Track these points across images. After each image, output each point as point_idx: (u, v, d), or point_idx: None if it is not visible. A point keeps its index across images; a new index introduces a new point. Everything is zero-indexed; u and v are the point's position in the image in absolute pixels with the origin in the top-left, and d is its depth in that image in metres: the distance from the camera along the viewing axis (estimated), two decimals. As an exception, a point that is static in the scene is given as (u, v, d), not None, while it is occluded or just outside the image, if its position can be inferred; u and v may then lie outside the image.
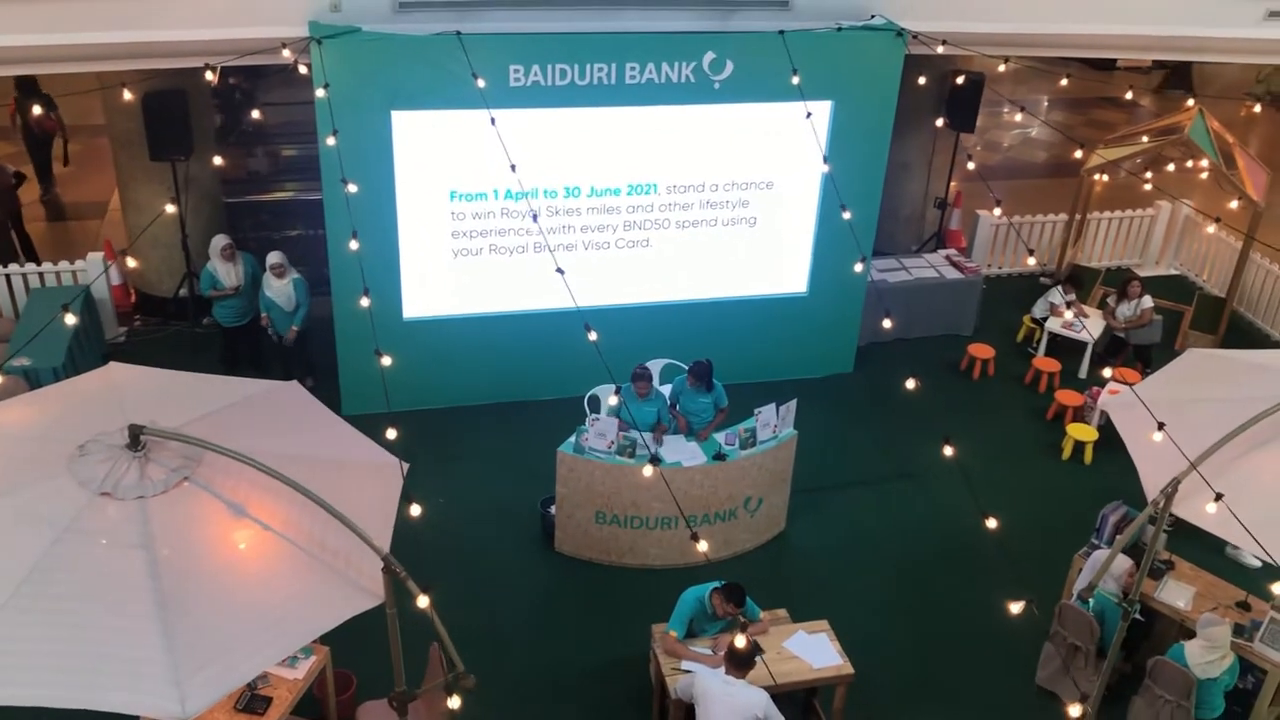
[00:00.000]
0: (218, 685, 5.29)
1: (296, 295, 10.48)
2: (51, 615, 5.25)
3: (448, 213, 10.11)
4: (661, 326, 10.64)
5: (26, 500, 5.60)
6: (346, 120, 9.04)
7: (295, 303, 10.45)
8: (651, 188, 10.43)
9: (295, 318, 10.45)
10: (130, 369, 7.00)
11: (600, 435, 8.66)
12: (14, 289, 11.29)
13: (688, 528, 6.52)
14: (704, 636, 7.45)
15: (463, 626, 6.35)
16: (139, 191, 11.41)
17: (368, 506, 6.07)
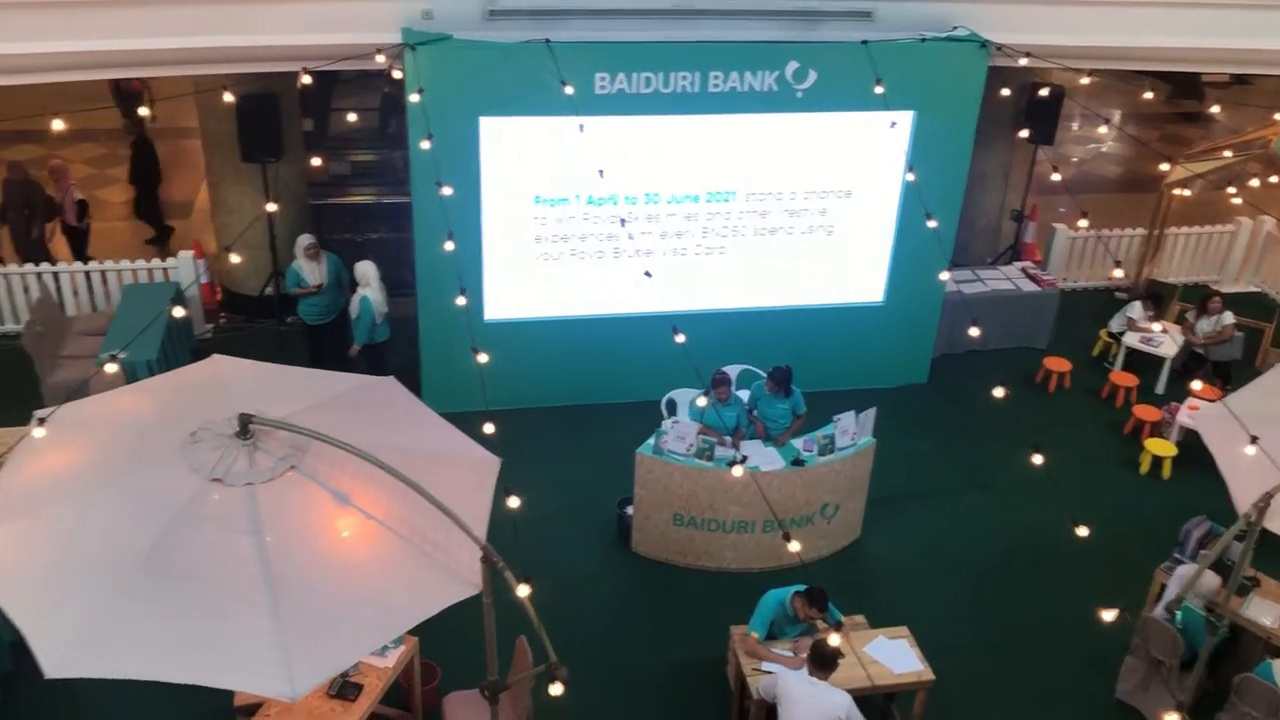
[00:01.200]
0: (324, 668, 5.47)
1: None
2: (167, 595, 5.44)
3: (531, 217, 10.29)
4: (737, 333, 10.71)
5: (143, 484, 5.81)
6: (436, 125, 9.25)
7: (358, 312, 10.55)
8: (730, 195, 10.53)
9: (359, 333, 10.57)
10: (234, 361, 7.23)
11: (679, 438, 8.76)
12: (109, 285, 11.65)
13: (780, 528, 6.57)
14: (784, 639, 7.51)
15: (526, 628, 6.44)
16: (229, 192, 11.74)
17: (463, 500, 6.18)
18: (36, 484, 5.96)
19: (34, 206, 12.43)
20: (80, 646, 5.21)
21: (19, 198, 12.37)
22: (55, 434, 6.13)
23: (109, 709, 7.57)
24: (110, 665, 5.24)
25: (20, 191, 12.37)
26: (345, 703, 6.78)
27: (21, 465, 6.10)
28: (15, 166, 12.51)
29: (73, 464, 6.04)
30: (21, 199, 12.37)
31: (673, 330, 7.31)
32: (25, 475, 6.04)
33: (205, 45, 9.66)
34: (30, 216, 12.40)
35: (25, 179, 12.44)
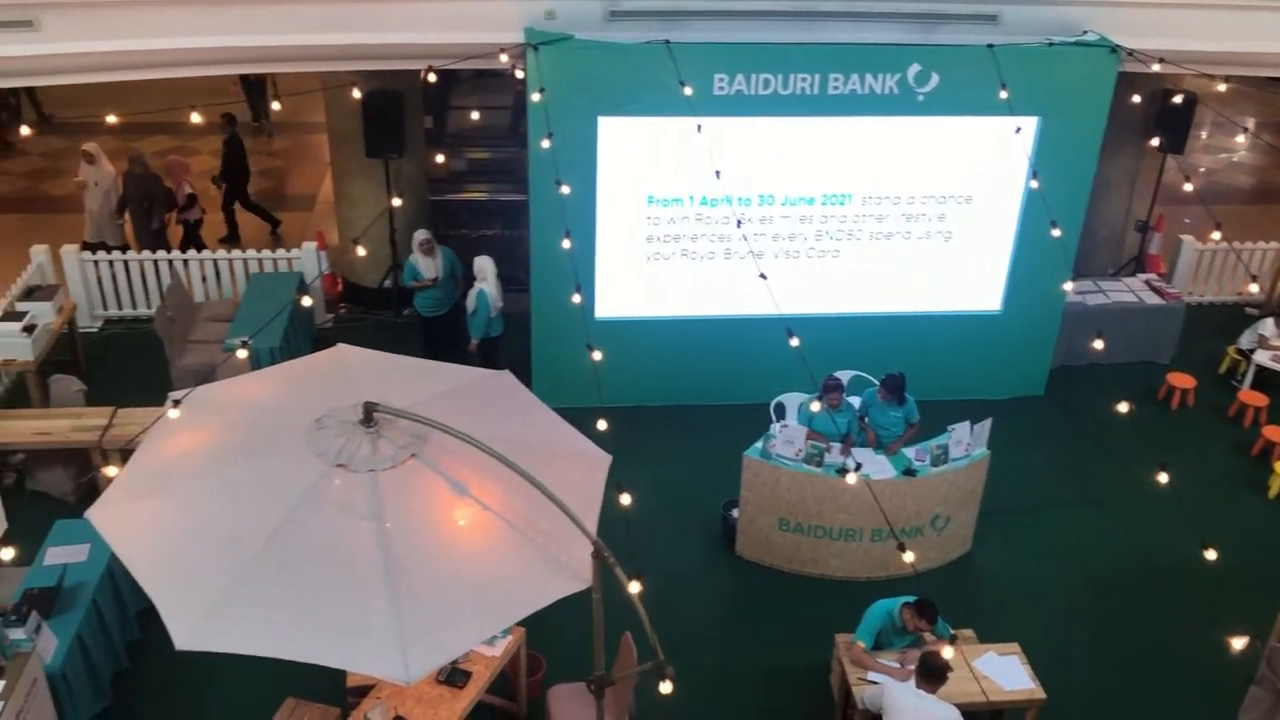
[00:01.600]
0: (438, 653, 5.57)
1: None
2: (291, 575, 5.62)
3: (644, 217, 10.34)
4: (849, 338, 10.59)
5: (271, 467, 6.00)
6: (556, 124, 9.35)
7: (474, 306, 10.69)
8: (846, 198, 10.43)
9: (474, 327, 10.73)
10: (357, 350, 7.41)
11: (788, 442, 8.71)
12: (235, 274, 12.06)
13: (894, 538, 6.49)
14: (890, 650, 7.42)
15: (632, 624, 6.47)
16: (352, 186, 12.05)
17: (575, 494, 6.23)
18: (170, 463, 6.22)
19: (153, 199, 12.85)
20: (209, 622, 5.41)
21: (139, 190, 12.82)
22: (188, 416, 6.37)
23: (227, 680, 7.83)
24: (236, 641, 5.43)
25: (140, 184, 12.81)
26: (454, 689, 6.90)
27: (156, 445, 6.36)
28: (135, 160, 12.95)
29: (204, 445, 6.27)
30: (141, 191, 12.82)
31: (788, 333, 7.25)
32: (160, 455, 6.30)
33: (334, 42, 9.93)
34: (149, 209, 12.84)
35: (145, 172, 12.87)
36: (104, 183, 12.95)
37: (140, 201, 12.85)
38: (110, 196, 12.99)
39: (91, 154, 12.94)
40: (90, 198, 13.00)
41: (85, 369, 11.01)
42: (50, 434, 9.21)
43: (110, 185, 12.99)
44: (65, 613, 7.36)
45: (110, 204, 13.00)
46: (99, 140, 13.54)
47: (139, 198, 12.84)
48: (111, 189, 13.00)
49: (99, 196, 12.94)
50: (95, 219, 13.06)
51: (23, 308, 10.48)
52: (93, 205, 13.01)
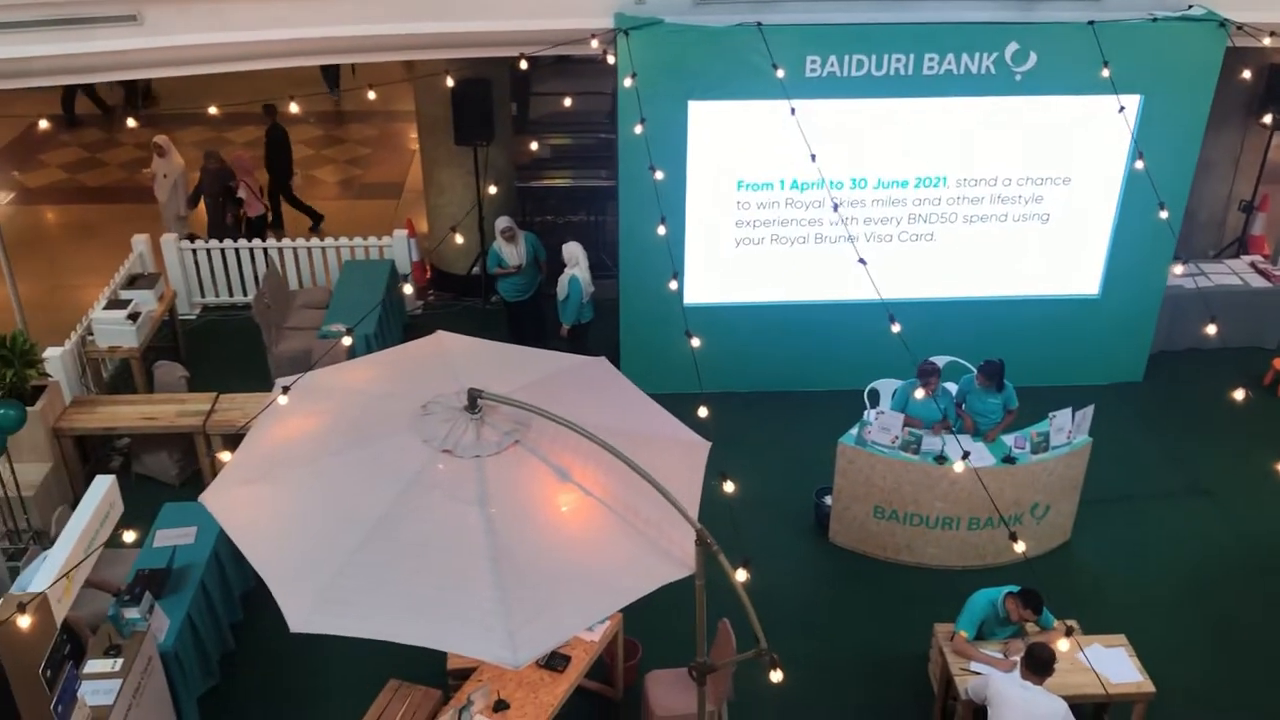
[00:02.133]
0: (546, 638, 5.61)
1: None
2: (400, 559, 5.69)
3: (734, 202, 10.28)
4: (942, 323, 10.42)
5: (378, 453, 6.09)
6: (646, 109, 9.32)
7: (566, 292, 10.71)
8: (940, 180, 10.25)
9: (566, 313, 10.76)
10: (456, 337, 7.48)
11: (884, 429, 8.61)
12: (328, 261, 12.25)
13: (1005, 526, 6.38)
14: (993, 640, 7.30)
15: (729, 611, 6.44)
16: (442, 174, 12.16)
17: (676, 481, 6.20)
18: (280, 448, 6.33)
19: (228, 193, 13.03)
20: (322, 605, 5.50)
21: (214, 184, 12.98)
22: (296, 402, 6.47)
23: (330, 662, 7.99)
24: (349, 624, 5.51)
25: (215, 178, 12.96)
26: (554, 673, 6.95)
27: (266, 430, 6.48)
28: (210, 154, 13.16)
29: (313, 431, 6.38)
30: (217, 185, 12.97)
31: (889, 318, 7.15)
32: (270, 440, 6.42)
33: (427, 31, 9.99)
34: (223, 202, 13.00)
35: (220, 166, 13.02)
36: (173, 175, 13.15)
37: (216, 195, 13.04)
38: (179, 189, 13.20)
39: (162, 146, 13.15)
40: (160, 189, 13.22)
41: (185, 356, 11.27)
42: (156, 419, 9.46)
43: (180, 177, 13.21)
44: (175, 593, 7.56)
45: (180, 197, 13.22)
46: (187, 132, 13.81)
47: (215, 191, 13.03)
48: (181, 181, 13.22)
49: (168, 189, 13.14)
50: (164, 211, 13.27)
51: (126, 295, 10.77)
52: (162, 197, 13.22)
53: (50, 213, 15.02)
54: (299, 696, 7.88)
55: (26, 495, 8.89)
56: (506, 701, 6.73)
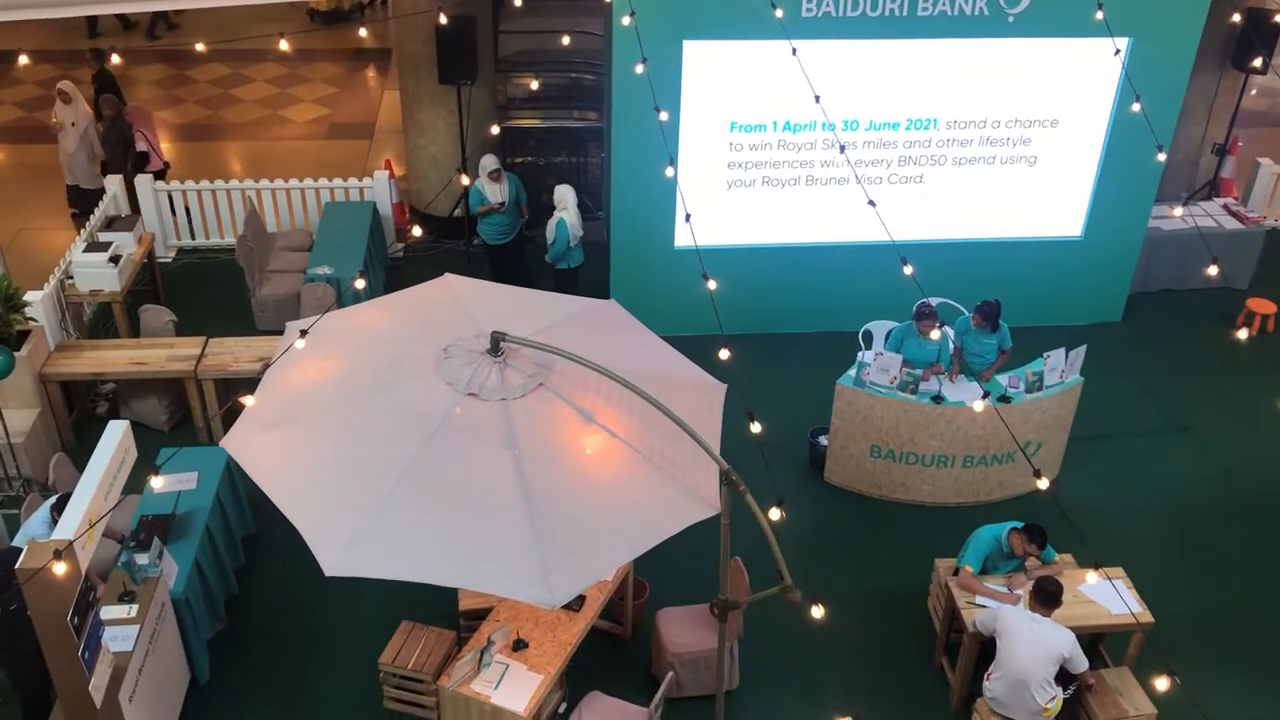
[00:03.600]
0: (580, 578, 5.68)
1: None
2: (431, 502, 5.72)
3: (726, 144, 10.24)
4: (931, 265, 10.36)
5: (402, 396, 6.08)
6: (639, 49, 9.20)
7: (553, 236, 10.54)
8: (931, 123, 10.29)
9: (553, 255, 10.59)
10: (464, 280, 7.45)
11: (883, 370, 8.71)
12: (307, 203, 12.04)
13: (1029, 464, 6.51)
14: (996, 575, 7.49)
15: (738, 549, 6.52)
16: (423, 113, 11.95)
17: (696, 422, 6.28)
18: (301, 393, 6.29)
19: (128, 145, 12.17)
20: (355, 549, 5.52)
21: (113, 134, 12.12)
22: (311, 345, 6.41)
23: (338, 605, 7.99)
24: (381, 566, 5.54)
25: (113, 128, 12.09)
26: (570, 612, 7.01)
27: (283, 375, 6.42)
28: (108, 100, 12.26)
29: (334, 375, 6.34)
30: (115, 134, 12.10)
31: (902, 260, 7.21)
32: (289, 384, 6.37)
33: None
34: (125, 152, 12.15)
35: (116, 113, 12.13)
36: (81, 123, 12.31)
37: (116, 145, 12.16)
38: (88, 137, 12.39)
39: (67, 93, 12.25)
40: (67, 139, 12.35)
41: (165, 299, 11.05)
42: (146, 364, 9.30)
43: (89, 125, 12.39)
44: (182, 539, 7.49)
45: (88, 146, 12.38)
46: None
47: (114, 140, 12.15)
48: (91, 130, 12.39)
49: (75, 138, 12.32)
50: (69, 162, 12.47)
51: (105, 238, 10.51)
52: (69, 147, 12.37)
53: (5, 152, 14.55)
54: (307, 639, 7.88)
55: (16, 442, 8.73)
56: (525, 641, 6.79)
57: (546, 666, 6.66)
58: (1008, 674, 6.65)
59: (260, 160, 14.27)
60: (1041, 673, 6.57)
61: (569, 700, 7.18)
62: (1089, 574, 7.46)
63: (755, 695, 7.58)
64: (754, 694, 7.59)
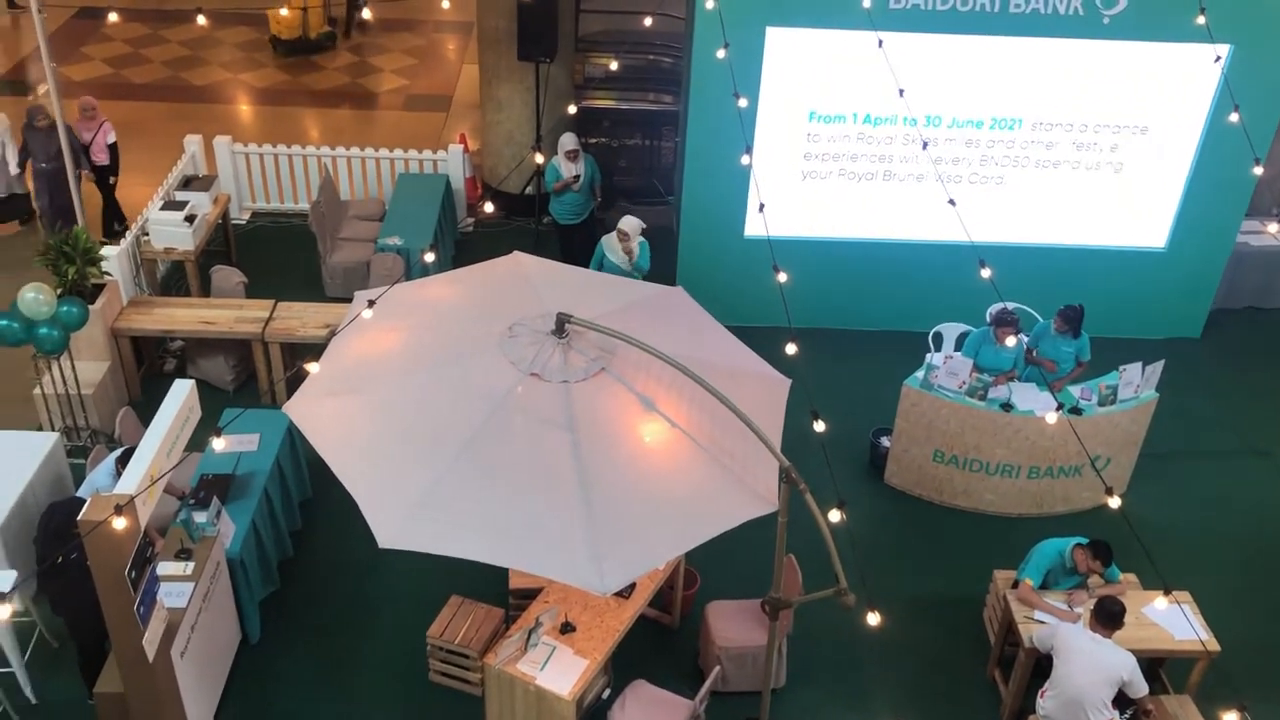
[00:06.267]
0: (632, 567, 5.62)
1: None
2: (488, 480, 5.69)
3: (803, 134, 10.08)
4: (1006, 268, 10.17)
5: (465, 372, 6.06)
6: (721, 34, 9.07)
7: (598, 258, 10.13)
8: (1016, 123, 10.03)
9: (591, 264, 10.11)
10: (533, 259, 7.41)
11: (952, 374, 8.53)
12: (381, 173, 12.09)
13: (1097, 476, 6.31)
14: (1056, 590, 7.31)
15: (792, 547, 6.43)
16: (501, 89, 11.93)
17: (759, 417, 6.17)
18: (365, 362, 6.30)
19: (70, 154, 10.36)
20: (411, 522, 5.51)
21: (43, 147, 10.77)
22: (378, 315, 6.40)
23: (389, 574, 8.02)
24: (435, 541, 5.53)
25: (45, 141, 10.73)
26: (620, 599, 6.96)
27: (349, 343, 6.43)
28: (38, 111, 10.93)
29: (399, 346, 6.34)
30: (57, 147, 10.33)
31: (979, 263, 7.03)
32: (354, 353, 6.38)
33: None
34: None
35: (51, 125, 10.45)
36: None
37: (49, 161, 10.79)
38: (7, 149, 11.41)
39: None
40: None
41: (237, 261, 11.18)
42: (215, 323, 9.40)
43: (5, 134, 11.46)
44: (240, 500, 7.56)
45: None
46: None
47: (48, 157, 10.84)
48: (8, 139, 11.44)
49: None
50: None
51: (182, 197, 10.65)
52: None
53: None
54: (358, 605, 7.93)
55: (86, 394, 8.89)
56: (573, 624, 6.76)
57: (593, 652, 6.62)
58: (1063, 693, 6.48)
59: (337, 128, 14.39)
60: (1099, 695, 6.39)
61: (613, 687, 7.15)
62: (1157, 598, 7.25)
63: (801, 694, 7.49)
64: (800, 693, 7.50)
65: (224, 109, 14.87)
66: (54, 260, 8.75)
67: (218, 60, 16.07)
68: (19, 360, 9.23)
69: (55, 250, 8.74)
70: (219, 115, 14.54)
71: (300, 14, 15.91)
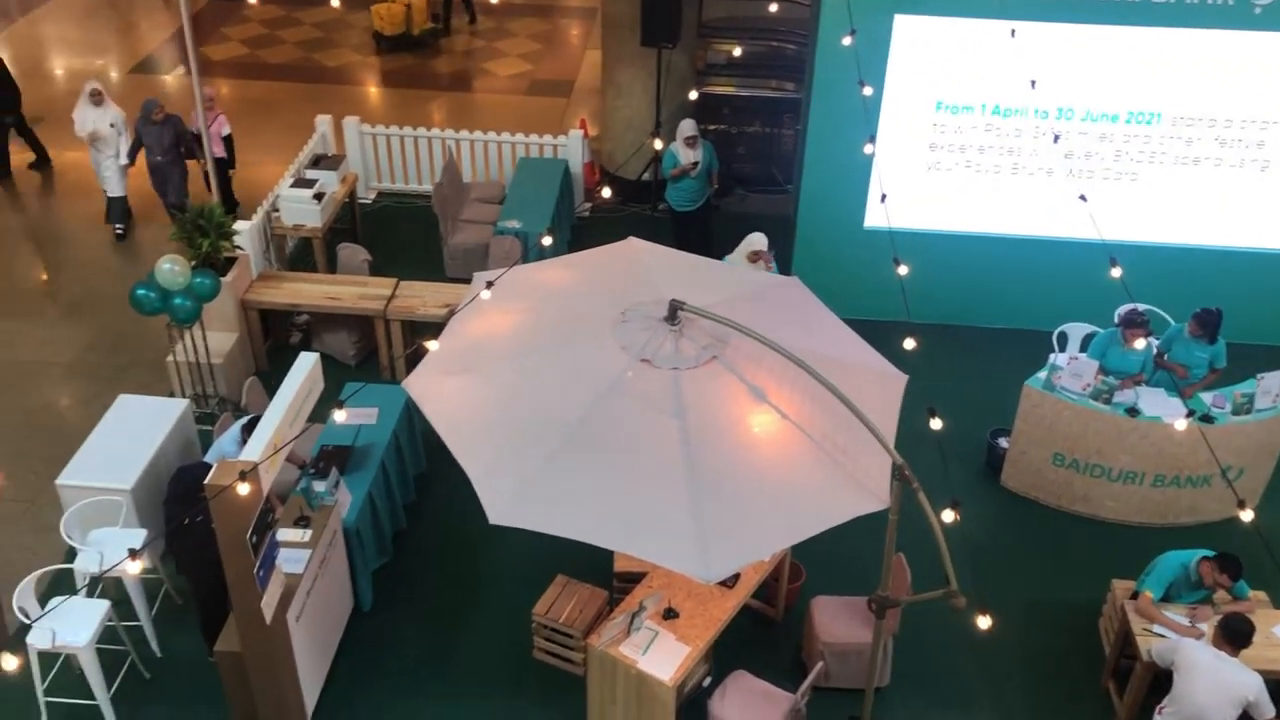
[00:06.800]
0: (738, 557, 5.59)
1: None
2: (598, 463, 5.72)
3: (929, 124, 9.85)
4: (1139, 268, 9.79)
5: (578, 355, 6.10)
6: (847, 21, 8.92)
7: None
8: (1155, 117, 9.63)
9: None
10: (647, 245, 7.41)
11: (1076, 376, 8.26)
12: (502, 157, 12.25)
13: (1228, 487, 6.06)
14: (1178, 604, 7.03)
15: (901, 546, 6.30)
16: (622, 74, 11.97)
17: (872, 412, 6.06)
18: (482, 342, 6.39)
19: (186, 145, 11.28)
20: (521, 500, 5.57)
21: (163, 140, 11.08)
22: (496, 297, 6.48)
23: (498, 550, 8.15)
24: (544, 520, 5.58)
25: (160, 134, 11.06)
26: (724, 588, 6.94)
27: (467, 322, 6.53)
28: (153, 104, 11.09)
29: (515, 327, 6.41)
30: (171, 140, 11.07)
31: (1111, 261, 6.78)
32: (472, 332, 6.48)
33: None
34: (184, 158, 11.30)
35: (166, 119, 11.06)
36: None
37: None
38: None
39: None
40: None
41: (362, 239, 11.46)
42: (339, 299, 9.67)
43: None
44: (358, 471, 7.77)
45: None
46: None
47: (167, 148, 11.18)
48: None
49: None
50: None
51: (311, 175, 10.96)
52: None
53: (229, 87, 15.33)
54: (467, 579, 8.08)
55: (215, 363, 9.23)
56: (676, 610, 6.77)
57: (695, 639, 6.62)
58: (1183, 711, 6.23)
59: (461, 111, 14.63)
60: (1221, 715, 6.12)
61: (713, 676, 7.14)
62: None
63: (906, 695, 7.37)
64: (904, 693, 7.37)
65: (353, 90, 15.26)
66: (189, 234, 9.10)
67: (348, 43, 16.49)
68: (154, 329, 9.66)
69: (190, 224, 9.09)
70: (347, 96, 14.93)
71: (404, 9, 15.99)
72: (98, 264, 11.44)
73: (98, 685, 6.83)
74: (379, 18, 16.03)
